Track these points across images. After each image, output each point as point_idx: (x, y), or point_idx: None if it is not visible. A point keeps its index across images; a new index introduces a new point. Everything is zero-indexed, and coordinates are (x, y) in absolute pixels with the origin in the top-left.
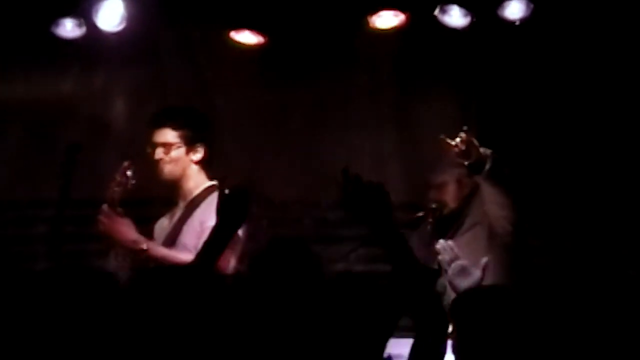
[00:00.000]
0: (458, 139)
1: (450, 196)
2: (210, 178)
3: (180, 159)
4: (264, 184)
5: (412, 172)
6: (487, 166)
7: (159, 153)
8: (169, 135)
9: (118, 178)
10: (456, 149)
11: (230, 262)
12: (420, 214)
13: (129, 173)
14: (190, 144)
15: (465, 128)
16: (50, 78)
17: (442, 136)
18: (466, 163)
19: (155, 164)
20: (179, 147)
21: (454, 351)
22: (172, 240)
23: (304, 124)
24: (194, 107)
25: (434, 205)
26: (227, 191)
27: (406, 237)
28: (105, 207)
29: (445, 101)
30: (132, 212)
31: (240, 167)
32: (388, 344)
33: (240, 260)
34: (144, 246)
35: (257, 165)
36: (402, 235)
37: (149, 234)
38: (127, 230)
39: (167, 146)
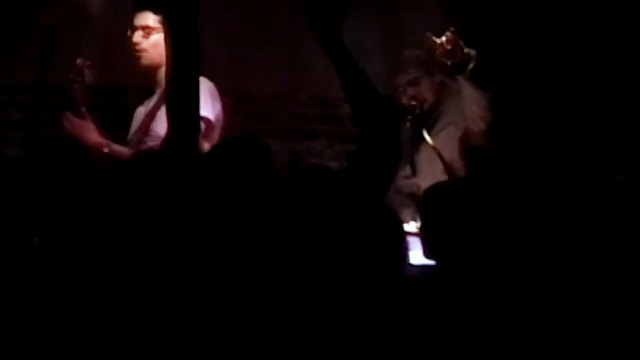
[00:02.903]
0: (443, 38)
1: (427, 91)
2: None
3: (159, 44)
4: (243, 77)
5: (396, 71)
6: (470, 66)
7: (138, 37)
8: (149, 18)
9: (73, 77)
10: (441, 48)
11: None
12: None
13: (85, 71)
14: (156, 29)
15: (451, 29)
16: None
17: (427, 34)
18: (449, 63)
19: (134, 49)
20: (159, 31)
21: (423, 247)
22: (144, 129)
23: (286, 18)
24: None
25: (412, 102)
26: None
27: None
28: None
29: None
30: (108, 101)
31: (219, 60)
32: None
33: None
34: (106, 149)
35: (237, 58)
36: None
37: (126, 124)
38: (89, 133)
39: (147, 30)
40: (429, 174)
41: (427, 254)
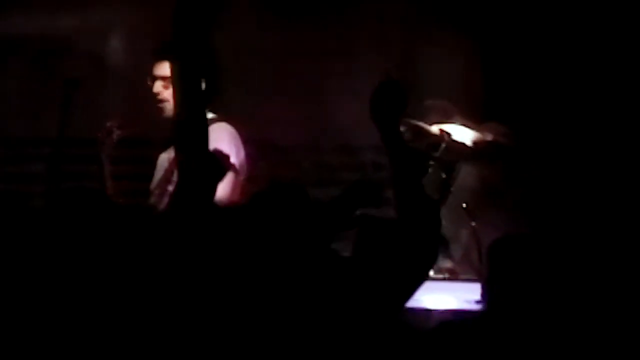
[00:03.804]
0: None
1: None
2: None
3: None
4: (265, 127)
5: (417, 118)
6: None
7: (158, 87)
8: (168, 68)
9: (102, 137)
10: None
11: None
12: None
13: (114, 130)
14: None
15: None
16: (51, 13)
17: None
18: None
19: (154, 99)
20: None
21: (484, 296)
22: (167, 178)
23: (308, 68)
24: None
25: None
26: None
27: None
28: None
29: (452, 46)
30: (132, 152)
31: (240, 110)
32: None
33: (235, 196)
34: None
35: (259, 108)
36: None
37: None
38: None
39: (167, 80)
40: (450, 217)
41: (487, 302)
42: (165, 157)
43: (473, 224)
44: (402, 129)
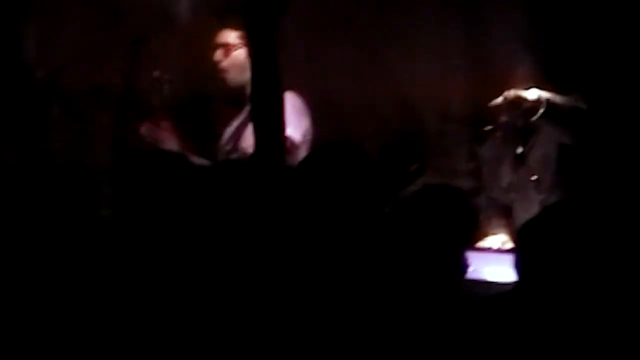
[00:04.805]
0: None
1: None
2: None
3: (240, 62)
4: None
5: (477, 87)
6: (540, 111)
7: (218, 55)
8: (230, 36)
9: (152, 88)
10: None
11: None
12: (488, 127)
13: (162, 83)
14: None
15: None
16: None
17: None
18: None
19: (215, 68)
20: (239, 47)
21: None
22: (234, 145)
23: (368, 29)
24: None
25: (503, 119)
26: None
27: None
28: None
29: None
30: (193, 109)
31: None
32: None
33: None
34: None
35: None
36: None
37: (213, 135)
38: (168, 141)
39: (227, 47)
40: (522, 190)
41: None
42: (231, 128)
43: (542, 196)
44: (499, 100)
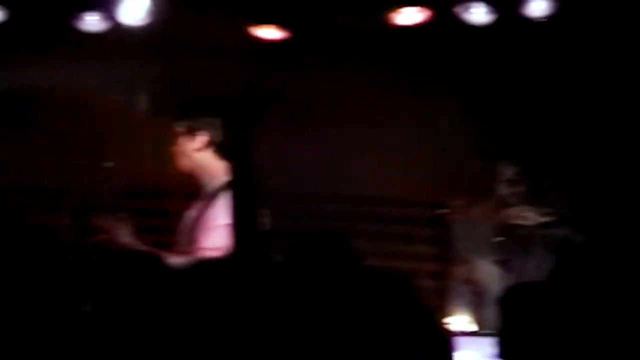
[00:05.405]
0: None
1: None
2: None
3: (185, 150)
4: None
5: (428, 169)
6: None
7: (170, 145)
8: (189, 124)
9: (101, 181)
10: None
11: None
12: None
13: (112, 175)
14: (190, 134)
15: None
16: (72, 69)
17: None
18: None
19: (175, 153)
20: (183, 137)
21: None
22: (189, 237)
23: (321, 115)
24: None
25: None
26: None
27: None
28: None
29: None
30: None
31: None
32: None
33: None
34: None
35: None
36: None
37: (169, 227)
38: (121, 236)
39: (174, 137)
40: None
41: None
42: (190, 216)
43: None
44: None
